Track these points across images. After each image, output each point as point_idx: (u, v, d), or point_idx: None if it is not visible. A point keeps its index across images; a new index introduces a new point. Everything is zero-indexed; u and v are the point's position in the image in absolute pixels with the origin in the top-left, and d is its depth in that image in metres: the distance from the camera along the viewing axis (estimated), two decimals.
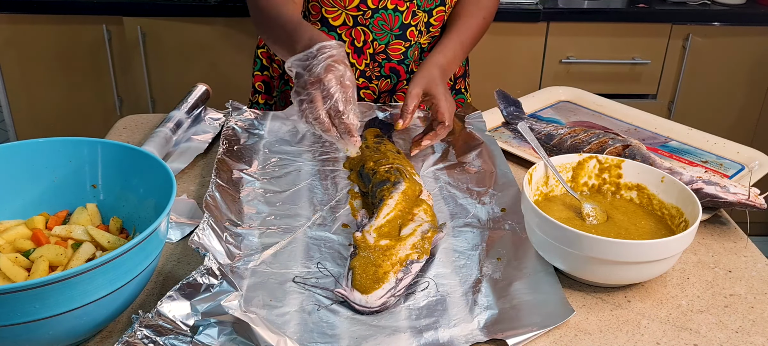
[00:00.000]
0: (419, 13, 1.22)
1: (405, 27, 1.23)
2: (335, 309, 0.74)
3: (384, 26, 1.22)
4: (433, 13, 1.24)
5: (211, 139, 1.13)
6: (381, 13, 1.20)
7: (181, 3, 2.13)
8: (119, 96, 2.30)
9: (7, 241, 0.75)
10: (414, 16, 1.22)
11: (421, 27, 1.24)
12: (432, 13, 1.24)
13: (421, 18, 1.23)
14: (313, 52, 0.92)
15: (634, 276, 0.78)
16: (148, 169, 0.79)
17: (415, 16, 1.22)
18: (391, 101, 1.32)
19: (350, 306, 0.74)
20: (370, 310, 0.73)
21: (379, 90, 1.30)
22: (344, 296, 0.74)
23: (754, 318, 0.76)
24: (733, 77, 2.34)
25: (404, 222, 0.86)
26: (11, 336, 0.61)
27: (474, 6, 1.26)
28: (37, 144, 0.81)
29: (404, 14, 1.21)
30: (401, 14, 1.21)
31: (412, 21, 1.22)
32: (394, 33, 1.23)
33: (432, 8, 1.23)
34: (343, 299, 0.75)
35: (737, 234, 0.92)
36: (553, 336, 0.72)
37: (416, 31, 1.24)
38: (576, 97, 1.36)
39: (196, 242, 0.77)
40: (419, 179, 0.98)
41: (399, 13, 1.21)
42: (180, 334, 0.67)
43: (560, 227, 0.75)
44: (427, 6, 1.22)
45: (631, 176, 0.90)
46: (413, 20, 1.22)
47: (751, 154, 1.11)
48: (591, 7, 2.25)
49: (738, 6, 2.29)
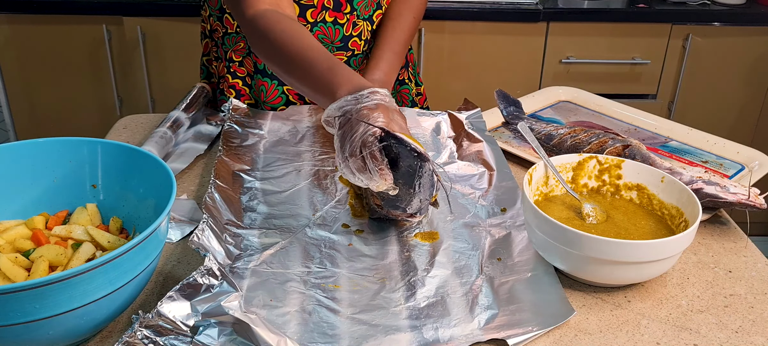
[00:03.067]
0: (360, 23, 1.20)
1: (346, 39, 1.20)
2: (335, 309, 0.74)
3: (325, 40, 1.19)
4: (373, 19, 1.22)
5: (211, 139, 1.13)
6: (320, 26, 1.18)
7: (181, 3, 2.13)
8: (119, 96, 2.30)
9: (7, 241, 0.75)
10: (354, 26, 1.20)
11: (366, 35, 1.22)
12: (372, 19, 1.22)
13: (364, 26, 1.21)
14: (365, 94, 0.82)
15: (634, 276, 0.78)
16: (148, 169, 0.79)
17: (356, 26, 1.20)
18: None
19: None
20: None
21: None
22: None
23: (754, 318, 0.76)
24: (733, 77, 2.34)
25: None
26: (11, 336, 0.61)
27: (403, 5, 1.23)
28: (37, 144, 0.81)
29: (345, 26, 1.19)
30: (342, 27, 1.19)
31: (354, 31, 1.20)
32: (336, 45, 1.20)
33: (371, 14, 1.21)
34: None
35: (737, 234, 0.92)
36: (553, 336, 0.72)
37: (360, 40, 1.22)
38: (576, 97, 1.36)
39: (195, 242, 0.77)
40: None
41: (339, 25, 1.18)
42: (180, 334, 0.67)
43: (560, 227, 0.75)
44: (366, 13, 1.20)
45: (631, 176, 0.90)
46: (354, 30, 1.20)
47: (751, 154, 1.11)
48: (591, 7, 2.25)
49: (738, 6, 2.29)
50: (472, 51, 2.23)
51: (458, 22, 2.18)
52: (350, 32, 1.20)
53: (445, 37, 2.22)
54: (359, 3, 1.18)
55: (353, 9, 1.18)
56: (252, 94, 1.27)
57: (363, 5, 1.19)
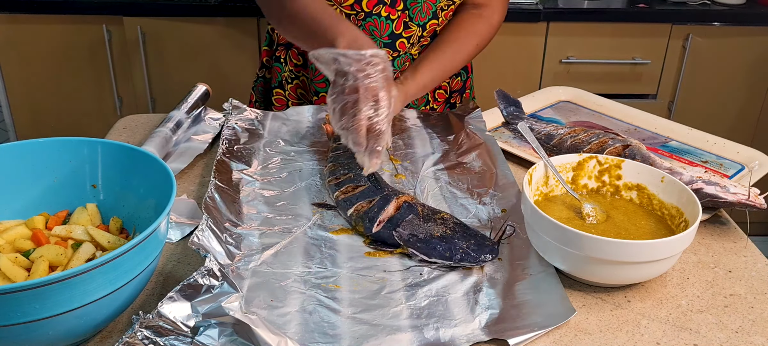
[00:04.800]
0: (412, 27, 1.20)
1: (395, 37, 1.20)
2: (336, 309, 0.74)
3: (374, 32, 1.19)
4: (426, 27, 1.21)
5: (211, 139, 1.13)
6: (374, 18, 1.18)
7: (181, 3, 2.13)
8: (119, 96, 2.30)
9: (7, 241, 0.75)
10: (406, 27, 1.19)
11: (414, 40, 1.22)
12: (426, 26, 1.21)
13: (416, 31, 1.20)
14: (365, 56, 0.89)
15: (634, 276, 0.78)
16: (148, 169, 0.79)
17: (408, 29, 1.20)
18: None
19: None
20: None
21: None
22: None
23: (754, 318, 0.76)
24: (733, 77, 2.34)
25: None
26: (11, 336, 0.61)
27: (467, 31, 1.21)
28: (37, 144, 0.81)
29: (395, 23, 1.18)
30: (392, 23, 1.18)
31: (405, 33, 1.20)
32: (384, 41, 1.20)
33: (425, 22, 1.20)
34: None
35: (737, 234, 0.92)
36: (553, 336, 0.72)
37: (408, 43, 1.21)
38: (576, 97, 1.36)
39: (195, 243, 0.77)
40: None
41: (390, 21, 1.18)
42: (180, 335, 0.67)
43: (560, 227, 0.75)
44: (421, 20, 1.19)
45: (631, 176, 0.90)
46: (405, 32, 1.20)
47: (751, 154, 1.11)
48: (591, 7, 2.25)
49: (738, 6, 2.29)
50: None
51: None
52: (400, 31, 1.20)
53: None
54: (413, 4, 1.18)
55: (406, 8, 1.18)
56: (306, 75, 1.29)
57: (418, 10, 1.18)
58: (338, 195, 0.93)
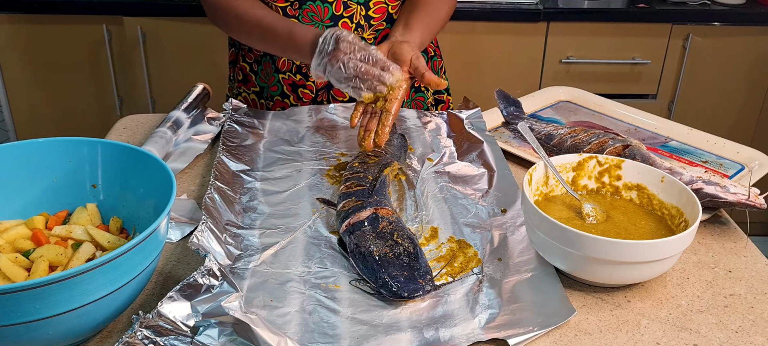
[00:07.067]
0: (352, 5, 1.18)
1: (336, 18, 1.18)
2: (336, 309, 0.74)
3: (314, 17, 1.17)
4: (369, 5, 1.19)
5: (211, 139, 1.13)
6: (309, 3, 1.16)
7: (181, 3, 2.13)
8: (119, 96, 2.30)
9: (7, 241, 0.75)
10: (346, 7, 1.17)
11: (359, 20, 1.19)
12: (368, 4, 1.19)
13: (357, 10, 1.18)
14: (327, 37, 1.00)
15: (634, 276, 0.78)
16: (148, 169, 0.79)
17: (349, 8, 1.17)
18: (329, 101, 1.27)
19: None
20: None
21: (316, 88, 1.26)
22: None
23: (754, 318, 0.76)
24: (733, 77, 2.34)
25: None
26: (11, 336, 0.61)
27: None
28: (37, 144, 0.81)
29: (334, 5, 1.16)
30: (331, 5, 1.17)
31: (345, 13, 1.18)
32: (325, 24, 1.18)
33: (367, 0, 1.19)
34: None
35: (737, 234, 0.92)
36: (553, 336, 0.72)
37: (351, 23, 1.19)
38: (576, 97, 1.36)
39: (195, 243, 0.77)
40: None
41: (328, 3, 1.16)
42: (180, 335, 0.67)
43: (560, 227, 0.75)
44: None
45: (631, 176, 0.90)
46: (346, 12, 1.18)
47: (751, 155, 1.11)
48: (591, 7, 2.25)
49: (738, 6, 2.29)
50: (472, 51, 2.23)
51: (458, 22, 2.18)
52: (341, 12, 1.18)
53: (446, 37, 2.22)
54: None
55: None
56: (258, 81, 1.29)
57: None
58: (342, 189, 0.93)
